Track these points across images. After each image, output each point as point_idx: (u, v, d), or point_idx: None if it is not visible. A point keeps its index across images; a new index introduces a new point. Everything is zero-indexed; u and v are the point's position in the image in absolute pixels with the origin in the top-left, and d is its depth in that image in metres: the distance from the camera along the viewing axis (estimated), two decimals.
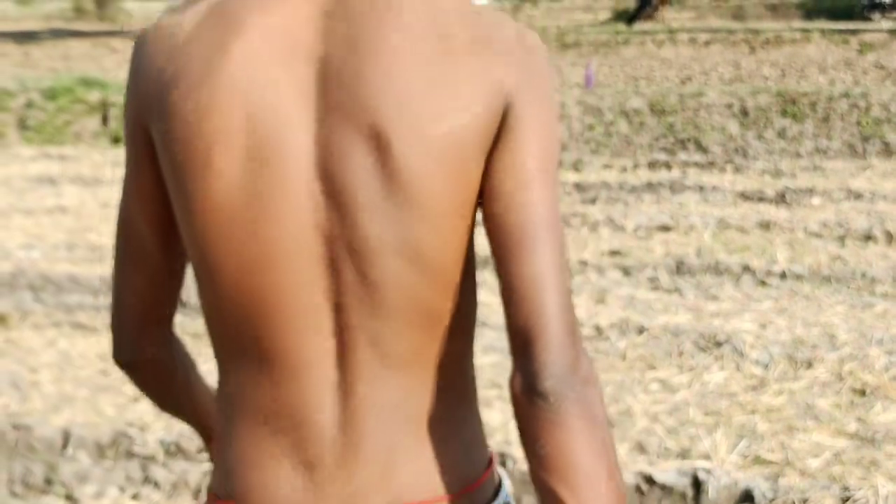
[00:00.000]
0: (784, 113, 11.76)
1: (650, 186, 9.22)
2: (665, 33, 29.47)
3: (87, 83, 13.24)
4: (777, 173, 10.22)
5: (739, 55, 26.18)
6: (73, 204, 8.81)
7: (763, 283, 6.06)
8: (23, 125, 12.64)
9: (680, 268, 6.35)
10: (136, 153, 1.04)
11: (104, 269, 6.51)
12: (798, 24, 36.28)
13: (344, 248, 0.95)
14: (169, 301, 1.13)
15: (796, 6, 49.87)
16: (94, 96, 12.78)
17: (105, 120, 12.61)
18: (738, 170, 10.41)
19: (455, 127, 0.94)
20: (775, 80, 18.18)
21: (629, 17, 40.72)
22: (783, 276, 6.15)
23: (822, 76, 18.73)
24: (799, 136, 11.63)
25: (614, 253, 6.90)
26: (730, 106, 11.95)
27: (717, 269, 6.28)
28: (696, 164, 10.68)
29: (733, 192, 9.07)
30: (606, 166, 10.72)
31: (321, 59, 0.95)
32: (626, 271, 6.37)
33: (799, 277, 6.12)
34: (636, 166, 10.68)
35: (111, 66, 24.40)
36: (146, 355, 1.14)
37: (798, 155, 11.42)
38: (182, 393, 1.20)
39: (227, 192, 0.95)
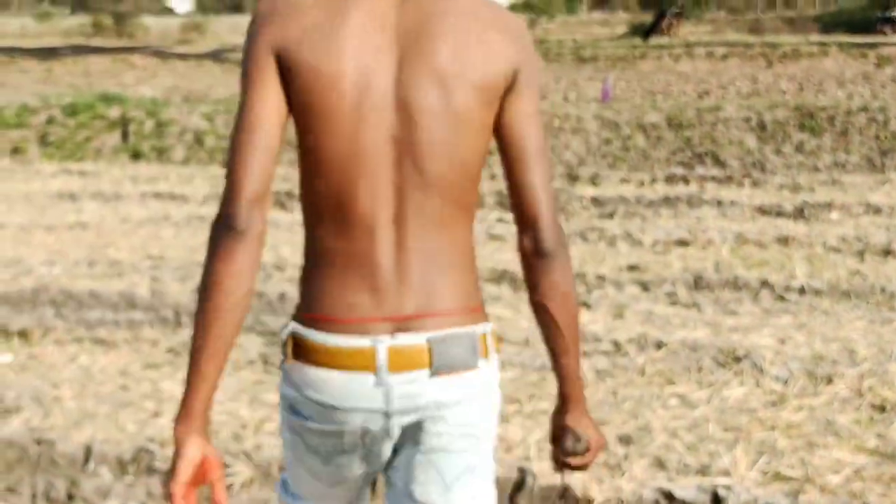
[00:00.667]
0: (802, 127, 11.74)
1: (668, 201, 9.22)
2: (682, 47, 29.48)
3: (108, 99, 13.40)
4: (795, 188, 10.19)
5: (757, 69, 26.14)
6: (93, 220, 8.90)
7: (782, 299, 6.05)
8: (44, 141, 12.80)
9: (698, 283, 6.35)
10: (264, 72, 1.51)
11: (124, 284, 6.57)
12: (815, 37, 36.19)
13: (408, 151, 1.51)
14: (271, 183, 1.52)
15: (813, 20, 49.84)
16: (114, 112, 12.92)
17: (125, 136, 12.74)
18: (755, 184, 10.40)
19: (487, 76, 1.52)
20: (793, 94, 18.14)
21: (644, 32, 40.74)
22: (802, 291, 6.13)
23: (840, 90, 18.68)
24: (817, 151, 11.61)
25: (632, 268, 6.90)
26: (747, 120, 11.95)
27: (736, 285, 6.27)
28: (714, 179, 10.67)
29: (751, 206, 9.06)
30: (624, 180, 10.73)
31: (398, 29, 1.51)
32: (645, 286, 6.37)
33: (818, 293, 6.10)
34: (654, 181, 10.68)
35: (131, 81, 24.63)
36: (258, 228, 1.49)
37: (816, 169, 11.40)
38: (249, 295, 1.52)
39: (340, 107, 1.49)
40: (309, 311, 1.57)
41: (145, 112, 12.89)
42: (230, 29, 57.80)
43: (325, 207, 1.55)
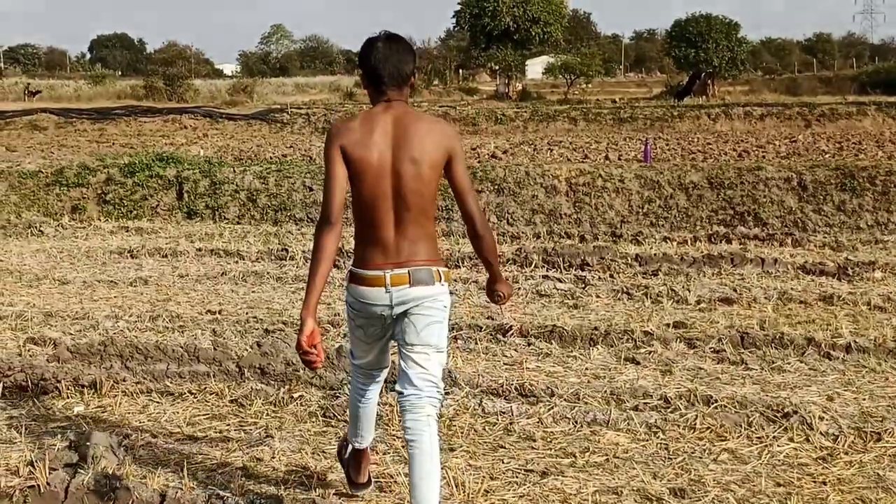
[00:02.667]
0: (843, 187, 11.84)
1: (710, 259, 9.34)
2: (719, 107, 29.75)
3: (164, 159, 13.80)
4: (837, 247, 10.28)
5: (795, 129, 26.28)
6: (153, 275, 9.20)
7: (828, 356, 6.14)
8: (102, 200, 13.21)
9: (744, 340, 6.46)
10: (335, 158, 3.42)
11: (186, 338, 6.82)
12: (852, 97, 36.32)
13: (399, 193, 3.36)
14: (344, 206, 3.44)
15: (850, 80, 49.92)
16: (170, 172, 13.32)
17: (180, 195, 13.11)
18: (797, 243, 10.50)
19: (435, 158, 3.39)
20: (832, 154, 18.22)
21: (679, 93, 41.08)
22: (848, 349, 6.23)
23: (880, 150, 18.72)
24: (858, 210, 11.68)
25: (678, 325, 7.03)
26: (788, 180, 12.07)
27: (782, 342, 6.38)
28: (756, 238, 10.79)
29: (794, 265, 9.16)
30: (666, 239, 10.88)
31: (394, 137, 3.38)
32: (691, 343, 6.50)
33: (864, 350, 6.19)
34: (696, 239, 10.82)
35: (182, 140, 25.27)
36: (339, 224, 3.45)
37: (858, 228, 11.47)
38: (329, 260, 3.48)
39: (369, 173, 3.37)
40: (356, 263, 3.55)
41: (200, 172, 13.27)
42: (276, 90, 59.15)
43: (363, 218, 3.48)
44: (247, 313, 7.65)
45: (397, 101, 3.46)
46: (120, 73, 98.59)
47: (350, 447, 4.01)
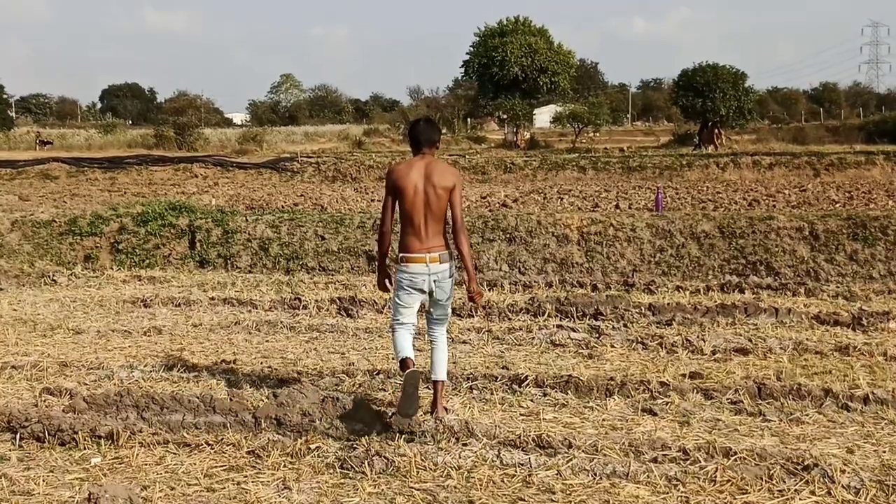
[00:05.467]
0: (854, 237, 11.84)
1: (724, 309, 9.33)
2: (728, 157, 29.84)
3: (176, 208, 13.89)
4: (851, 297, 10.26)
5: (804, 178, 26.32)
6: (167, 325, 9.22)
7: (846, 408, 6.11)
8: (115, 249, 13.27)
9: (762, 391, 6.43)
10: (389, 188, 6.05)
11: (202, 388, 6.82)
12: (860, 146, 36.39)
13: (428, 208, 5.90)
14: (394, 219, 6.04)
15: (857, 129, 50.04)
16: (182, 221, 13.39)
17: (193, 244, 13.17)
18: (811, 293, 10.48)
19: (447, 186, 5.92)
20: (843, 204, 18.24)
21: (696, 145, 41.45)
22: (866, 400, 6.19)
23: (890, 200, 18.74)
24: (871, 260, 11.67)
25: (694, 375, 7.01)
26: (800, 229, 12.08)
27: (799, 393, 6.35)
28: (769, 287, 10.78)
29: (808, 315, 9.14)
30: (679, 288, 10.88)
31: (424, 173, 5.95)
32: (708, 394, 6.47)
33: (882, 402, 6.15)
34: (709, 289, 10.82)
35: (193, 189, 25.42)
36: (390, 230, 6.11)
37: (871, 278, 11.45)
38: (390, 234, 6.16)
39: (408, 196, 5.92)
40: (402, 249, 5.97)
41: (212, 221, 13.34)
42: (285, 139, 59.64)
43: (406, 223, 5.95)
44: (261, 363, 7.66)
45: (428, 155, 6.09)
46: (130, 122, 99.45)
47: (399, 362, 5.99)
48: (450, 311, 6.23)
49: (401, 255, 5.93)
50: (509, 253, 12.49)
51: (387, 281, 6.20)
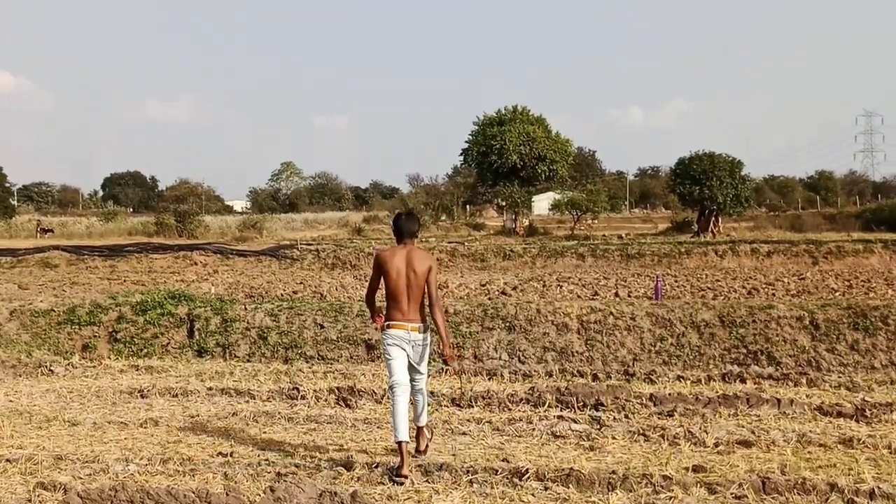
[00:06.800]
0: (855, 326, 11.82)
1: (726, 399, 9.25)
2: (726, 244, 30.00)
3: (176, 297, 13.89)
4: (853, 387, 10.19)
5: (803, 266, 26.43)
6: (163, 416, 9.12)
7: (852, 503, 6.01)
8: (113, 338, 13.22)
9: (766, 486, 6.33)
10: (375, 270, 7.19)
11: (197, 482, 6.72)
12: (857, 234, 36.63)
13: (409, 287, 7.01)
14: (377, 292, 7.29)
15: (854, 217, 50.47)
16: (181, 310, 13.38)
17: (191, 332, 13.13)
18: (812, 383, 10.41)
19: (425, 270, 7.03)
20: (842, 292, 18.25)
21: (693, 232, 41.75)
22: (872, 495, 6.09)
23: (890, 289, 18.75)
24: (872, 350, 11.63)
25: (697, 469, 6.91)
26: (800, 319, 12.07)
27: (804, 488, 6.24)
28: (770, 377, 10.71)
29: (810, 405, 9.06)
30: (680, 378, 10.81)
31: (406, 259, 7.05)
32: (712, 489, 6.36)
33: (888, 497, 6.04)
34: (710, 379, 10.75)
35: (193, 277, 25.43)
36: (376, 298, 7.38)
37: (872, 368, 11.39)
38: (374, 301, 7.43)
39: (393, 276, 7.02)
40: (388, 319, 7.08)
41: (211, 309, 13.33)
42: (285, 226, 60.03)
43: (390, 299, 7.06)
44: (259, 455, 7.55)
45: (409, 244, 7.15)
46: (132, 209, 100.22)
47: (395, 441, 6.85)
48: (426, 375, 7.33)
49: (386, 322, 7.10)
50: (509, 341, 12.45)
51: (377, 317, 7.33)
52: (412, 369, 7.09)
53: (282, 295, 19.68)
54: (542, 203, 75.31)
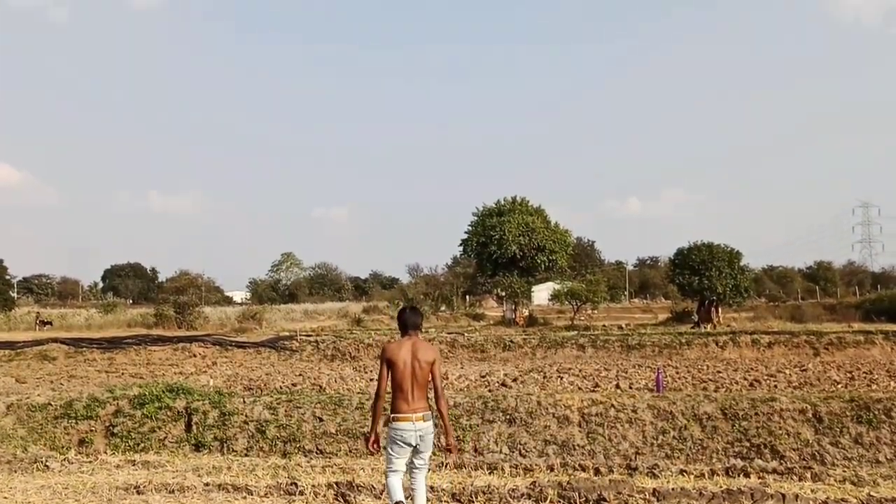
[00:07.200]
0: (859, 419, 11.73)
1: (730, 495, 9.12)
2: (727, 335, 29.92)
3: (174, 390, 13.80)
4: (858, 482, 10.05)
5: (804, 357, 26.30)
6: None
7: None
8: (110, 432, 13.09)
9: None
10: (384, 363, 7.42)
11: None
12: (858, 325, 36.57)
13: (415, 378, 7.37)
14: (386, 387, 7.43)
15: (854, 307, 50.46)
16: (179, 403, 13.28)
17: (189, 426, 13.00)
18: (817, 477, 10.27)
19: (429, 361, 7.45)
20: (845, 384, 18.14)
21: (694, 323, 41.72)
22: None
23: (892, 381, 18.64)
24: (876, 443, 11.51)
25: None
26: (803, 411, 11.97)
27: None
28: (774, 471, 10.57)
29: (816, 501, 8.92)
30: (683, 472, 10.66)
31: (412, 350, 7.43)
32: None
33: None
34: (713, 472, 10.60)
35: (191, 369, 25.28)
36: (384, 395, 7.39)
37: (877, 462, 11.26)
38: (383, 397, 7.49)
39: (398, 369, 7.36)
40: (393, 411, 7.36)
41: (209, 402, 13.24)
42: (285, 317, 59.96)
43: (396, 389, 7.36)
44: None
45: (414, 335, 7.52)
46: (131, 301, 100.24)
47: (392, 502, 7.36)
48: (429, 461, 7.68)
49: (392, 415, 7.39)
50: (509, 434, 12.33)
51: (372, 444, 7.48)
52: (415, 453, 7.45)
53: (280, 387, 19.54)
54: (541, 293, 75.37)
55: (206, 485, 10.23)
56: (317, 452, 12.41)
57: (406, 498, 7.55)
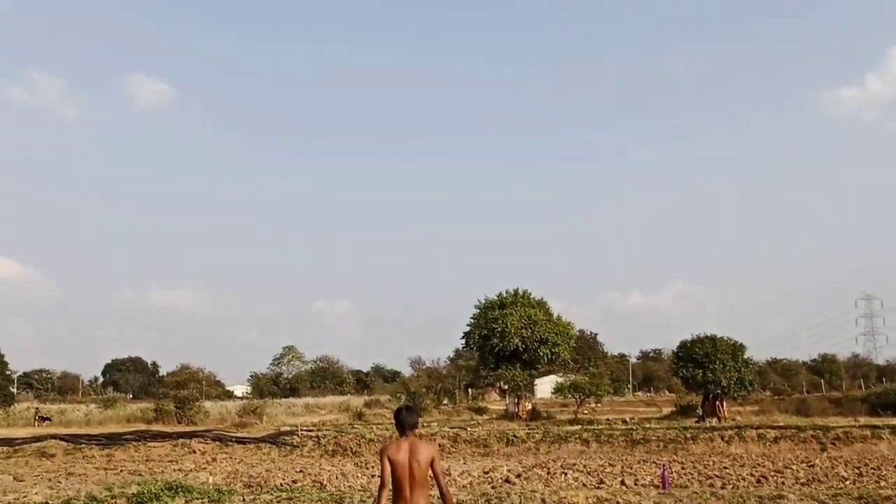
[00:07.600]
0: None
1: None
2: (732, 429, 29.56)
3: (172, 488, 13.62)
4: None
5: (811, 452, 25.94)
6: None
7: None
8: None
9: None
10: (384, 461, 7.31)
11: None
12: (864, 419, 36.18)
13: (413, 477, 7.27)
14: (389, 482, 7.29)
15: (860, 401, 49.95)
16: (178, 502, 13.09)
17: None
18: None
19: (428, 459, 7.33)
20: (853, 481, 17.88)
21: (699, 417, 41.31)
22: None
23: None
24: None
25: None
26: None
27: None
28: None
29: None
30: None
31: (410, 450, 7.33)
32: None
33: None
34: None
35: (191, 466, 24.92)
36: (388, 487, 7.27)
37: None
38: (385, 494, 7.35)
39: (397, 469, 7.27)
40: None
41: (209, 501, 13.05)
42: (286, 411, 59.33)
43: (396, 489, 7.23)
44: None
45: (412, 435, 7.47)
46: (132, 395, 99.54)
47: None
48: None
49: None
50: None
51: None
52: None
53: (281, 484, 19.26)
54: (544, 386, 74.77)
55: None
56: None
57: None
